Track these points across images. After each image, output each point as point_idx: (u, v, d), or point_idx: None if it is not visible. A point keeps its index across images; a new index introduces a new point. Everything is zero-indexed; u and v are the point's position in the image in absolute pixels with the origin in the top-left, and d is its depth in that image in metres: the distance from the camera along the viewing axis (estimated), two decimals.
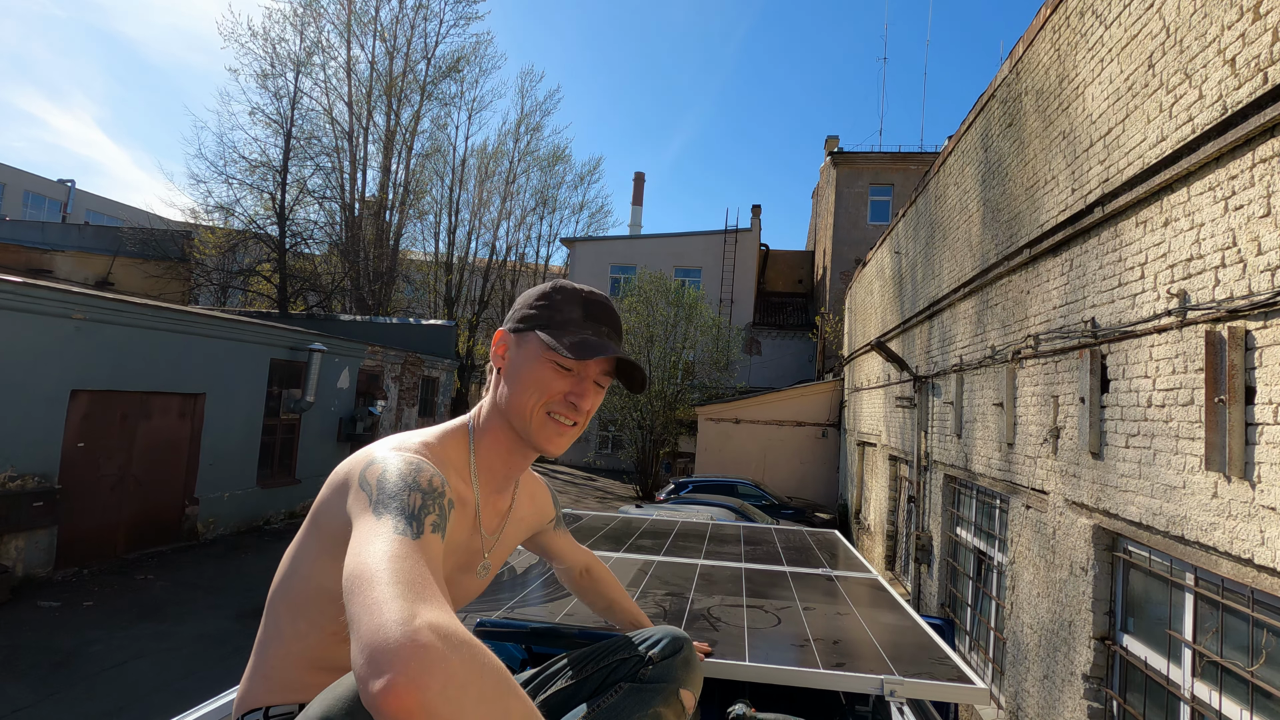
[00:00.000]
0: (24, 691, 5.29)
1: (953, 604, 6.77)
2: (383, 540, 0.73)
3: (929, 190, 8.03)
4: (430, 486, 0.86)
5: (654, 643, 1.18)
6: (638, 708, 1.10)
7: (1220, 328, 2.76)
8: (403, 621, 0.60)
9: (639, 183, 46.34)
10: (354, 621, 0.63)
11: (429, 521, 0.80)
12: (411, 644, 0.58)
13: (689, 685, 1.16)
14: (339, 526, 0.86)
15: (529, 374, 1.06)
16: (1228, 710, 2.80)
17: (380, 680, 0.56)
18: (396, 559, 0.70)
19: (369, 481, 0.85)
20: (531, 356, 1.07)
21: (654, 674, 1.14)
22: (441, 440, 1.06)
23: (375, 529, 0.75)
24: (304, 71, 21.84)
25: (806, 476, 17.44)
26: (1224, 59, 2.83)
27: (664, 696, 1.12)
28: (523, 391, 1.06)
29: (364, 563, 0.69)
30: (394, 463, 0.88)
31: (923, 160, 21.99)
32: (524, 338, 1.09)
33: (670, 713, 1.13)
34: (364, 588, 0.66)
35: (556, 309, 1.10)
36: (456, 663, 0.59)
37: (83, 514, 8.36)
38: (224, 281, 21.84)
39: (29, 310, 7.43)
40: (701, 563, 2.46)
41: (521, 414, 1.06)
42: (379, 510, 0.79)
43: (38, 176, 32.26)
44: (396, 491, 0.82)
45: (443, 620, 0.62)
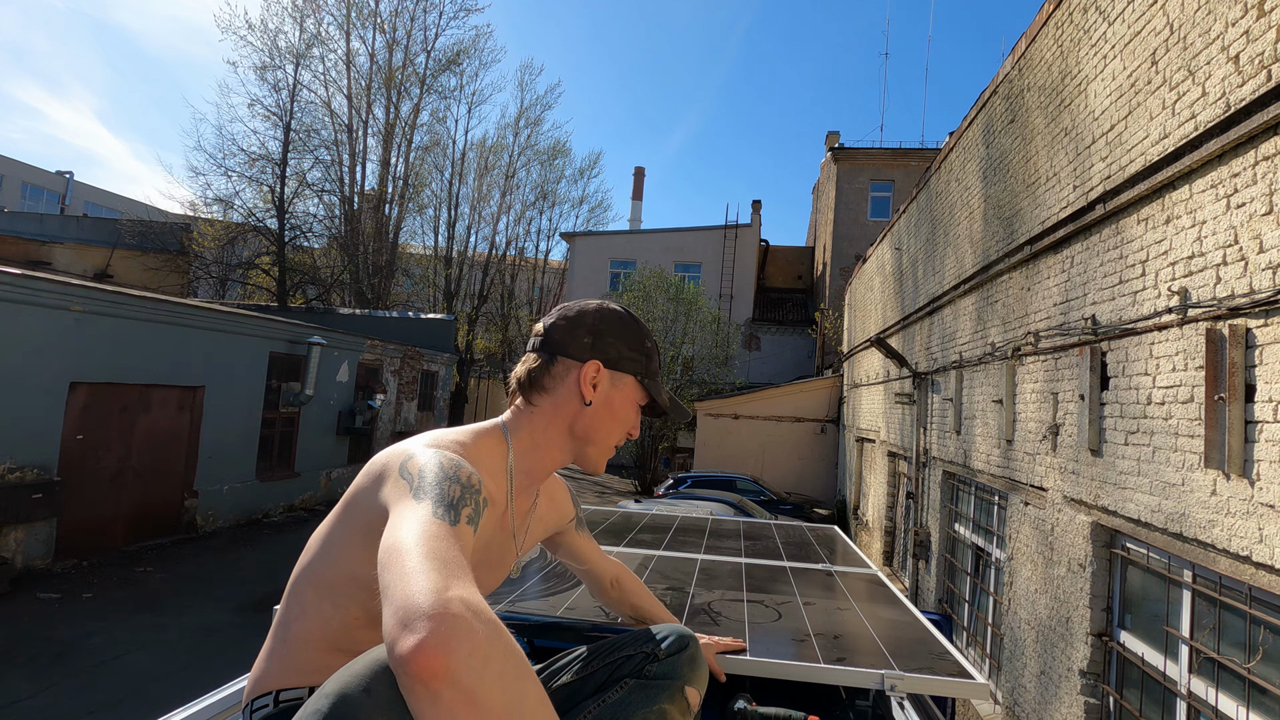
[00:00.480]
0: (24, 682, 5.30)
1: (950, 600, 6.80)
2: (420, 522, 0.76)
3: (930, 186, 8.02)
4: (469, 482, 0.89)
5: (660, 640, 1.18)
6: (643, 704, 1.10)
7: (1221, 325, 2.77)
8: (436, 590, 0.62)
9: (639, 177, 46.26)
10: (386, 587, 0.65)
11: (465, 513, 0.83)
12: (443, 610, 0.60)
13: (695, 683, 1.17)
14: (374, 515, 0.89)
15: (623, 414, 1.18)
16: (1224, 707, 2.81)
17: (411, 639, 0.58)
18: (433, 538, 0.73)
19: (410, 471, 0.88)
20: (628, 400, 1.19)
21: (660, 671, 1.14)
22: (475, 441, 1.09)
23: (414, 511, 0.79)
24: (303, 64, 21.77)
25: (805, 472, 17.47)
26: (1227, 55, 2.82)
27: (669, 693, 1.13)
28: (613, 427, 1.17)
29: (401, 538, 0.72)
30: (434, 457, 0.91)
31: (924, 156, 21.96)
32: (620, 379, 1.18)
33: (675, 710, 1.13)
34: (399, 559, 0.68)
35: (650, 359, 1.22)
36: (483, 636, 0.60)
37: (82, 506, 8.36)
38: (223, 274, 21.81)
39: (28, 302, 7.41)
40: (701, 558, 2.46)
41: (603, 443, 1.17)
42: (419, 496, 0.82)
43: (36, 168, 32.16)
44: (436, 481, 0.85)
45: (473, 597, 0.64)
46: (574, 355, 1.17)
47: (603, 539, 2.71)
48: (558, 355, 1.17)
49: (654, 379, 1.22)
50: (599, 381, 1.16)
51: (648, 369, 1.21)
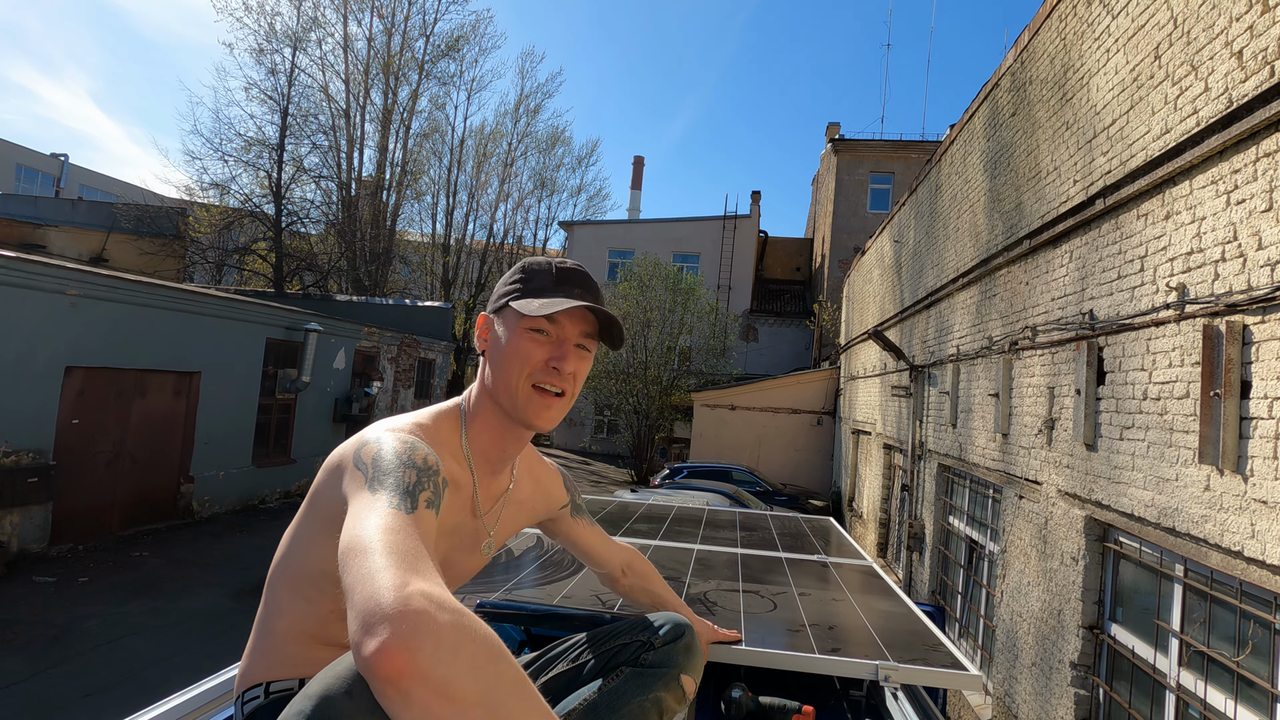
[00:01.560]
0: (19, 665, 5.32)
1: (943, 591, 6.84)
2: (377, 514, 0.74)
3: (930, 179, 8.00)
4: (425, 464, 0.87)
5: (656, 628, 1.19)
6: (638, 692, 1.11)
7: (1218, 322, 2.77)
8: (395, 587, 0.61)
9: (638, 167, 46.06)
10: (348, 589, 0.64)
11: (423, 498, 0.82)
12: (404, 608, 0.59)
13: (690, 671, 1.17)
14: (336, 508, 0.87)
15: (510, 348, 1.06)
16: (1212, 699, 2.84)
17: (373, 642, 0.57)
18: (390, 531, 0.71)
19: (364, 461, 0.86)
20: (510, 330, 1.07)
21: (655, 659, 1.14)
22: (434, 421, 1.07)
23: (371, 504, 0.77)
24: (300, 47, 21.57)
25: (801, 464, 17.53)
26: (1231, 51, 2.81)
27: (665, 681, 1.13)
28: (506, 367, 1.06)
29: (359, 535, 0.71)
30: (388, 442, 0.89)
31: (924, 149, 21.89)
32: (502, 314, 1.10)
33: (671, 698, 1.14)
34: (358, 557, 0.67)
35: (529, 280, 1.11)
36: (448, 627, 0.60)
37: (78, 491, 8.36)
38: (219, 260, 21.70)
39: (23, 285, 7.37)
40: (698, 548, 2.47)
41: (509, 390, 1.06)
42: (374, 487, 0.80)
43: (30, 150, 31.87)
44: (391, 469, 0.83)
45: (434, 589, 0.63)
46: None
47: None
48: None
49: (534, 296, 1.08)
50: (487, 328, 1.13)
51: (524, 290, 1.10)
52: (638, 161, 46.13)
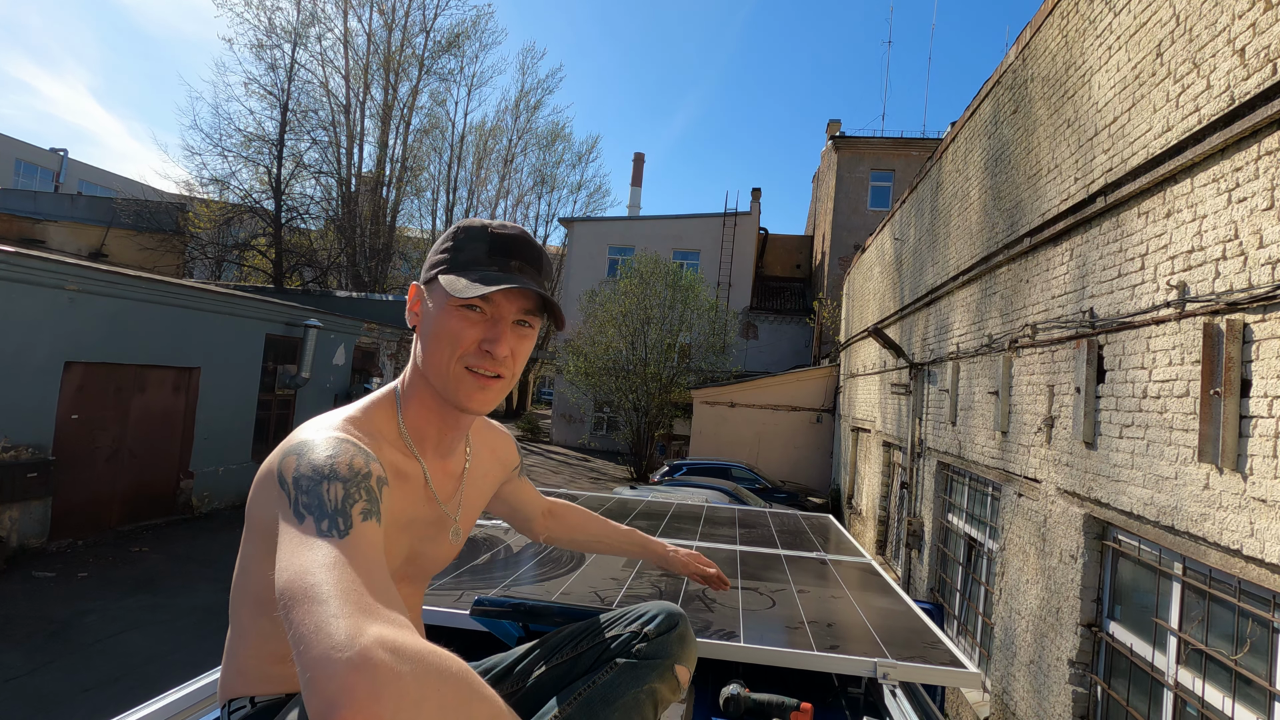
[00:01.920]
0: (19, 660, 5.32)
1: (942, 589, 6.85)
2: (309, 549, 0.68)
3: (931, 176, 7.99)
4: (351, 471, 0.79)
5: (649, 619, 1.17)
6: (632, 684, 1.09)
7: (1219, 320, 2.77)
8: (346, 643, 0.56)
9: (638, 163, 46.01)
10: (295, 647, 0.59)
11: (356, 511, 0.74)
12: (356, 668, 0.54)
13: (684, 661, 1.15)
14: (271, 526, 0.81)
15: (440, 326, 0.97)
16: (1210, 697, 2.85)
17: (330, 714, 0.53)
18: (328, 568, 0.65)
19: (286, 480, 0.78)
20: (439, 306, 0.97)
21: (649, 650, 1.12)
22: (367, 412, 0.99)
23: (299, 537, 0.70)
24: (300, 43, 21.54)
25: (800, 461, 17.54)
26: (1233, 49, 2.80)
27: (659, 672, 1.11)
28: (436, 346, 0.97)
29: (295, 579, 0.64)
30: (310, 454, 0.81)
31: (925, 146, 21.86)
32: (433, 287, 0.99)
33: (665, 688, 1.12)
34: (299, 608, 0.61)
35: (460, 249, 1.00)
36: (409, 679, 0.55)
37: (77, 486, 8.36)
38: (219, 255, 21.69)
39: (22, 280, 7.36)
40: (697, 544, 2.47)
41: (439, 371, 0.97)
42: (300, 513, 0.73)
43: (30, 145, 31.81)
44: (313, 487, 0.75)
45: (389, 632, 0.58)
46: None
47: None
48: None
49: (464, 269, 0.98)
50: (419, 301, 1.02)
51: (454, 261, 0.99)
52: (638, 158, 46.08)
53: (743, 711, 1.32)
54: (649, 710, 1.10)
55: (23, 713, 4.62)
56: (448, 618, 1.56)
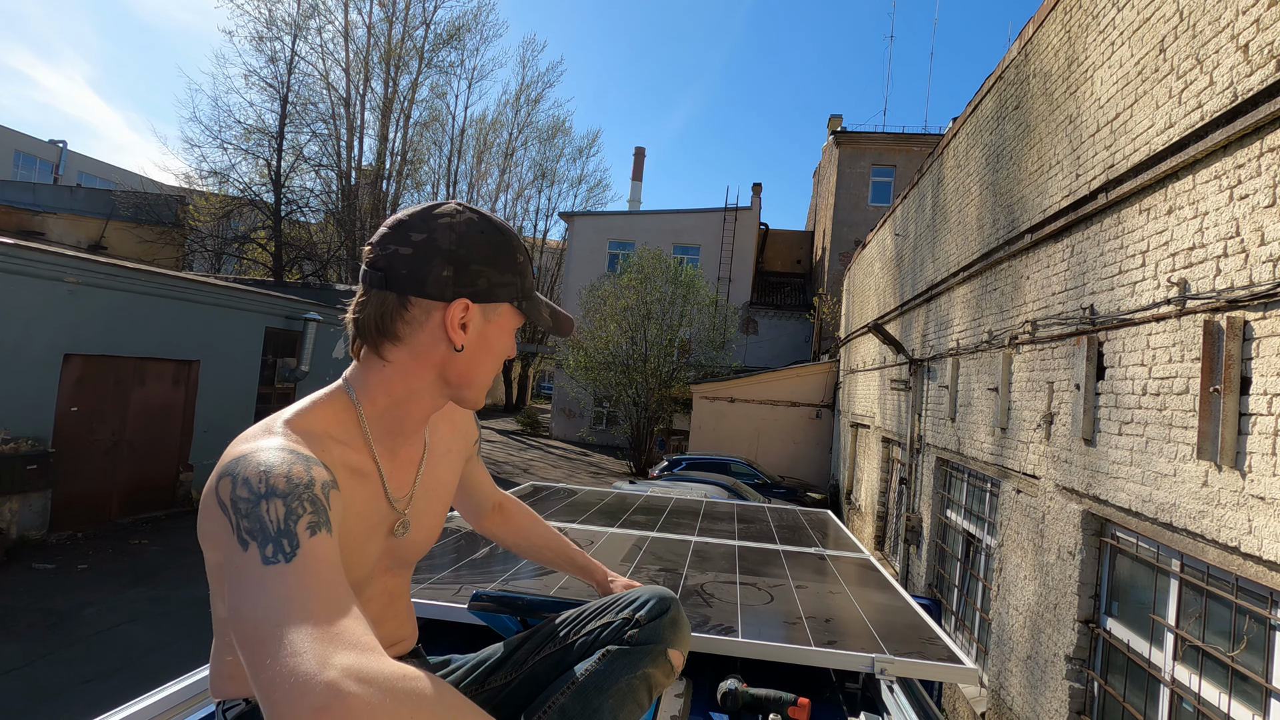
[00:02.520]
0: (19, 652, 5.34)
1: (940, 585, 6.87)
2: (257, 583, 0.64)
3: (932, 172, 7.97)
4: (289, 484, 0.74)
5: (641, 604, 1.16)
6: (626, 670, 1.08)
7: (1219, 317, 2.76)
8: (310, 683, 0.54)
9: (639, 158, 45.90)
10: (259, 693, 0.56)
11: (301, 527, 0.70)
12: (325, 709, 0.52)
13: (677, 645, 1.14)
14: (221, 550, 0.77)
15: (499, 345, 1.00)
16: (1206, 693, 2.86)
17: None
18: (281, 601, 0.62)
19: (225, 504, 0.74)
20: (504, 330, 1.01)
21: (641, 636, 1.11)
22: (308, 413, 0.92)
23: (246, 567, 0.67)
24: (300, 35, 21.45)
25: (799, 457, 17.56)
26: (1237, 44, 2.79)
27: (652, 658, 1.11)
28: (489, 364, 1.00)
29: (246, 622, 0.61)
30: (244, 470, 0.76)
31: (926, 142, 21.81)
32: (494, 310, 0.98)
33: (659, 673, 1.11)
34: (258, 650, 0.58)
35: (524, 275, 1.02)
36: (381, 710, 0.54)
37: (77, 478, 8.37)
38: (218, 248, 21.66)
39: (21, 273, 7.35)
40: (695, 539, 2.47)
41: (481, 383, 1.01)
42: (244, 539, 0.69)
43: (29, 136, 31.74)
44: (251, 509, 0.71)
45: (355, 660, 0.56)
46: (433, 294, 0.93)
47: (597, 520, 2.71)
48: (411, 296, 0.93)
49: (531, 298, 1.03)
50: (469, 320, 0.96)
51: (524, 289, 1.01)
52: (639, 153, 45.96)
53: (740, 706, 1.32)
54: (643, 695, 1.10)
55: (22, 704, 4.63)
56: (446, 611, 1.56)
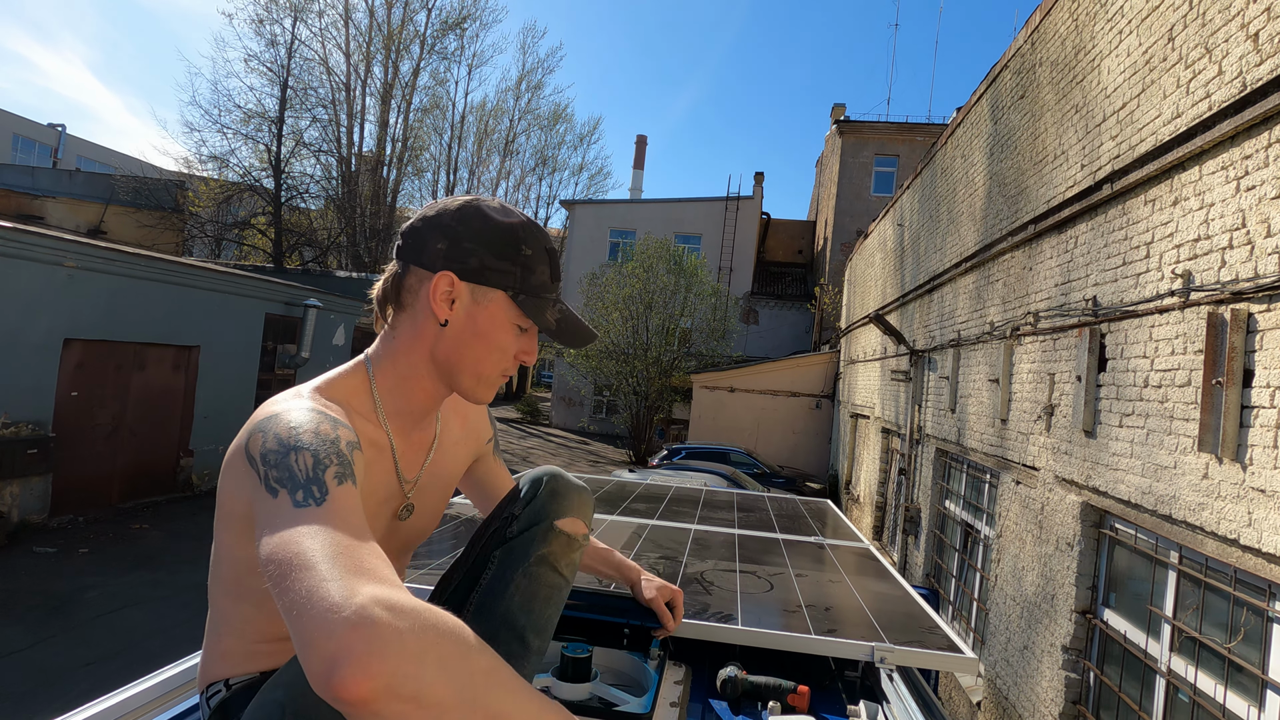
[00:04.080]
0: (20, 634, 5.37)
1: (938, 575, 6.89)
2: (288, 520, 0.67)
3: (935, 162, 7.92)
4: (318, 437, 0.77)
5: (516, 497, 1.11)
6: (518, 565, 1.04)
7: (1223, 310, 2.75)
8: (341, 604, 0.56)
9: (641, 146, 45.67)
10: (288, 616, 0.58)
11: (329, 475, 0.73)
12: (355, 627, 0.54)
13: (565, 513, 1.09)
14: (244, 508, 0.81)
15: (494, 339, 0.98)
16: (1203, 684, 2.87)
17: (333, 673, 0.53)
18: (311, 536, 0.64)
19: (254, 457, 0.77)
20: (499, 322, 0.98)
21: (520, 525, 1.07)
22: (335, 383, 0.96)
23: (277, 511, 0.69)
24: (301, 19, 21.28)
25: (799, 447, 17.59)
26: (1247, 34, 2.76)
27: (540, 539, 1.06)
28: (483, 354, 0.98)
29: (277, 551, 0.64)
30: (275, 426, 0.79)
31: (930, 131, 21.69)
32: (485, 294, 0.98)
33: (555, 548, 1.07)
34: (288, 577, 0.60)
35: (529, 270, 0.99)
36: (410, 635, 0.56)
37: (77, 462, 8.39)
38: (218, 234, 21.60)
39: (21, 257, 7.33)
40: (695, 528, 2.48)
41: (476, 374, 0.99)
42: (273, 487, 0.72)
43: (27, 120, 31.53)
44: (281, 460, 0.74)
45: (383, 591, 0.58)
46: (426, 264, 0.97)
47: (597, 508, 2.72)
48: (410, 264, 0.99)
49: (536, 295, 0.99)
50: (456, 296, 0.97)
51: (525, 283, 0.99)
52: (640, 141, 45.72)
53: (739, 693, 1.33)
54: (550, 576, 1.06)
55: (25, 686, 4.66)
56: None
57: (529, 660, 1.04)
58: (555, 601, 1.09)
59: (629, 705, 1.20)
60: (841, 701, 1.37)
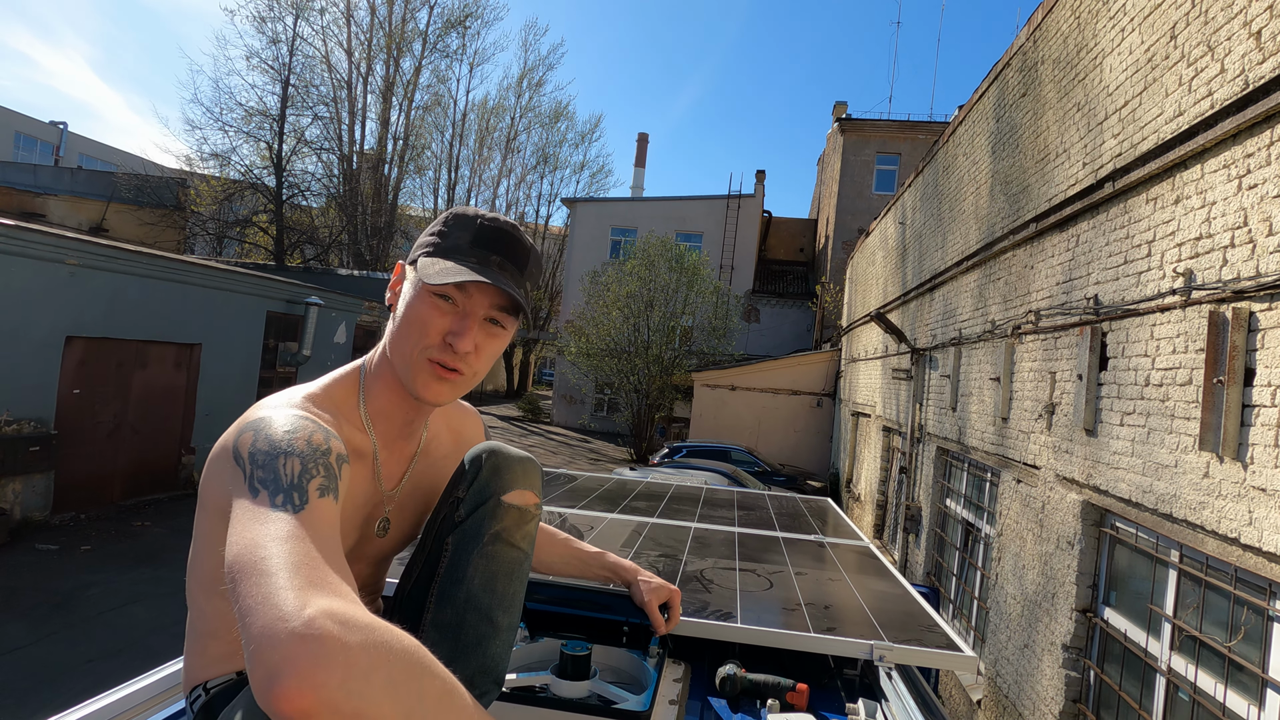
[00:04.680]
0: (23, 631, 5.38)
1: (938, 573, 6.89)
2: (261, 521, 0.66)
3: (937, 160, 7.91)
4: (309, 447, 0.77)
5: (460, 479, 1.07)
6: (472, 547, 1.02)
7: (1224, 308, 2.75)
8: (293, 614, 0.55)
9: (642, 144, 45.62)
10: (240, 619, 0.57)
11: (313, 486, 0.72)
12: (302, 638, 0.53)
13: (510, 487, 1.06)
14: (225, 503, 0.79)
15: (411, 311, 0.95)
16: (1203, 683, 2.87)
17: (273, 684, 0.51)
18: (279, 541, 0.63)
19: (242, 455, 0.76)
20: (413, 290, 0.96)
21: (466, 509, 1.04)
22: (328, 389, 0.97)
23: (253, 510, 0.68)
24: (302, 16, 21.27)
25: (800, 445, 17.58)
26: (1249, 31, 2.75)
27: (489, 518, 1.04)
28: (404, 331, 0.95)
29: (244, 551, 0.63)
30: (267, 428, 0.79)
31: (932, 129, 21.65)
32: (414, 270, 0.99)
33: (506, 524, 1.05)
34: (246, 580, 0.59)
35: (447, 235, 0.98)
36: (358, 650, 0.54)
37: (79, 460, 8.40)
38: (220, 231, 21.61)
39: (22, 254, 7.34)
40: (695, 526, 2.48)
41: (401, 355, 0.96)
42: (255, 487, 0.71)
43: (29, 118, 31.56)
44: (269, 462, 0.73)
45: (338, 605, 0.57)
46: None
47: (597, 505, 2.72)
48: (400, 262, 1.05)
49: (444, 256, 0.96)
50: (400, 281, 1.00)
51: (436, 248, 0.97)
52: (641, 139, 45.66)
53: (739, 691, 1.33)
54: (505, 552, 1.04)
55: (28, 682, 4.68)
56: None
57: (499, 638, 1.02)
58: (519, 576, 1.07)
59: (628, 703, 1.20)
60: (840, 700, 1.37)
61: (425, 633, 1.01)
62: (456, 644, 0.99)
